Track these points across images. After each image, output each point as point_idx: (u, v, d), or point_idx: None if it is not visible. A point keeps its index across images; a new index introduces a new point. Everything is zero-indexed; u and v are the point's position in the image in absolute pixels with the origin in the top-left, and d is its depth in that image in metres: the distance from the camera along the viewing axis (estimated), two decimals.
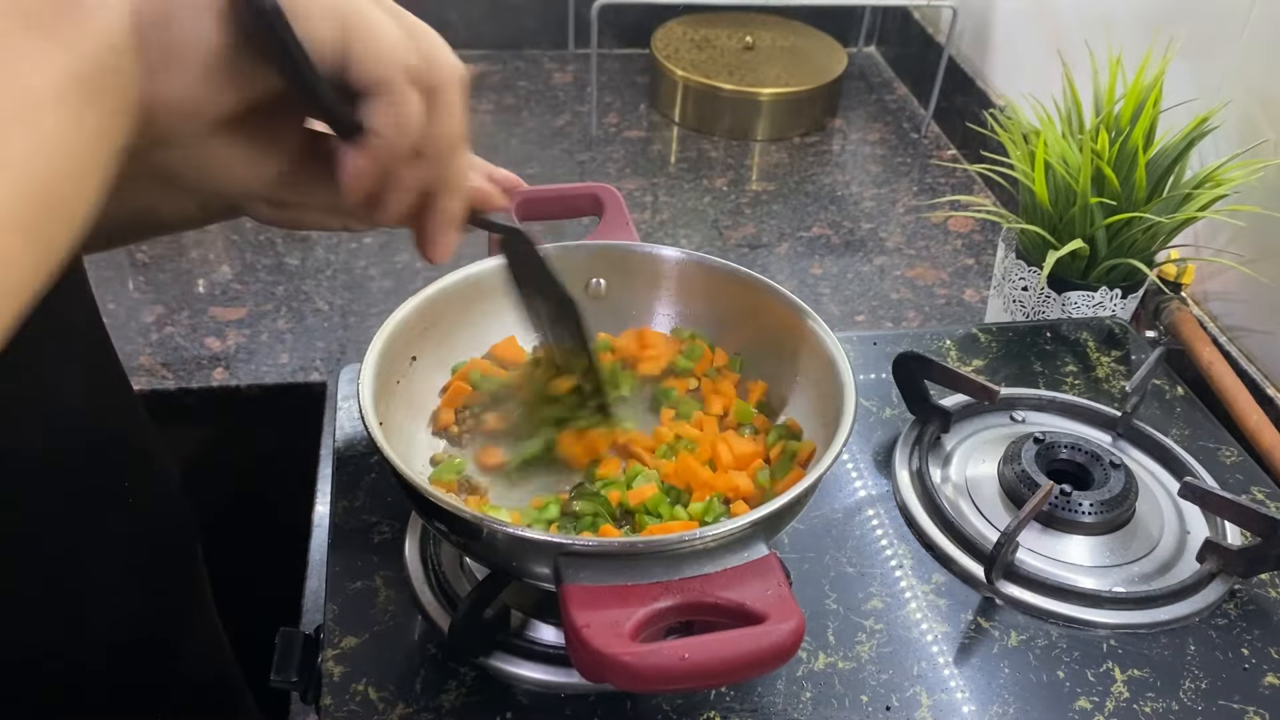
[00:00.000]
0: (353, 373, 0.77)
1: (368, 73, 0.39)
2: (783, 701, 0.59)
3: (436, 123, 0.42)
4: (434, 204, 0.46)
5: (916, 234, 1.26)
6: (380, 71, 0.39)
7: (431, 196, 0.45)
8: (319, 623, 0.63)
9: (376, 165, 0.41)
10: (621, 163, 1.36)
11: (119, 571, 0.64)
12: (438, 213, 0.46)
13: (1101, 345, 0.89)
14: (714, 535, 0.50)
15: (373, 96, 0.40)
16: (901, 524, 0.71)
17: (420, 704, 0.58)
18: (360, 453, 0.73)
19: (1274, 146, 0.90)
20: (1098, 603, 0.66)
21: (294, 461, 0.94)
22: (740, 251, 1.21)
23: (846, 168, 1.39)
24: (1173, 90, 0.90)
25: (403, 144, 0.41)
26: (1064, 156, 0.90)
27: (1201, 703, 0.61)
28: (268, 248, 1.15)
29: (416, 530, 0.67)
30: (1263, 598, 0.68)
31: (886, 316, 1.12)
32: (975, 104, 1.36)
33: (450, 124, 0.43)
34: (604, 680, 0.45)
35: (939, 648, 0.63)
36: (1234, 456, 0.78)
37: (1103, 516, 0.70)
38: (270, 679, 0.63)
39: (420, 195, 0.45)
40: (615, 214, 0.73)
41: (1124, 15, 1.08)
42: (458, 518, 0.51)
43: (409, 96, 0.40)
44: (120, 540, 0.64)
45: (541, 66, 1.57)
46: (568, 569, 0.48)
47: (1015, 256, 0.95)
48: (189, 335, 1.02)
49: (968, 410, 0.80)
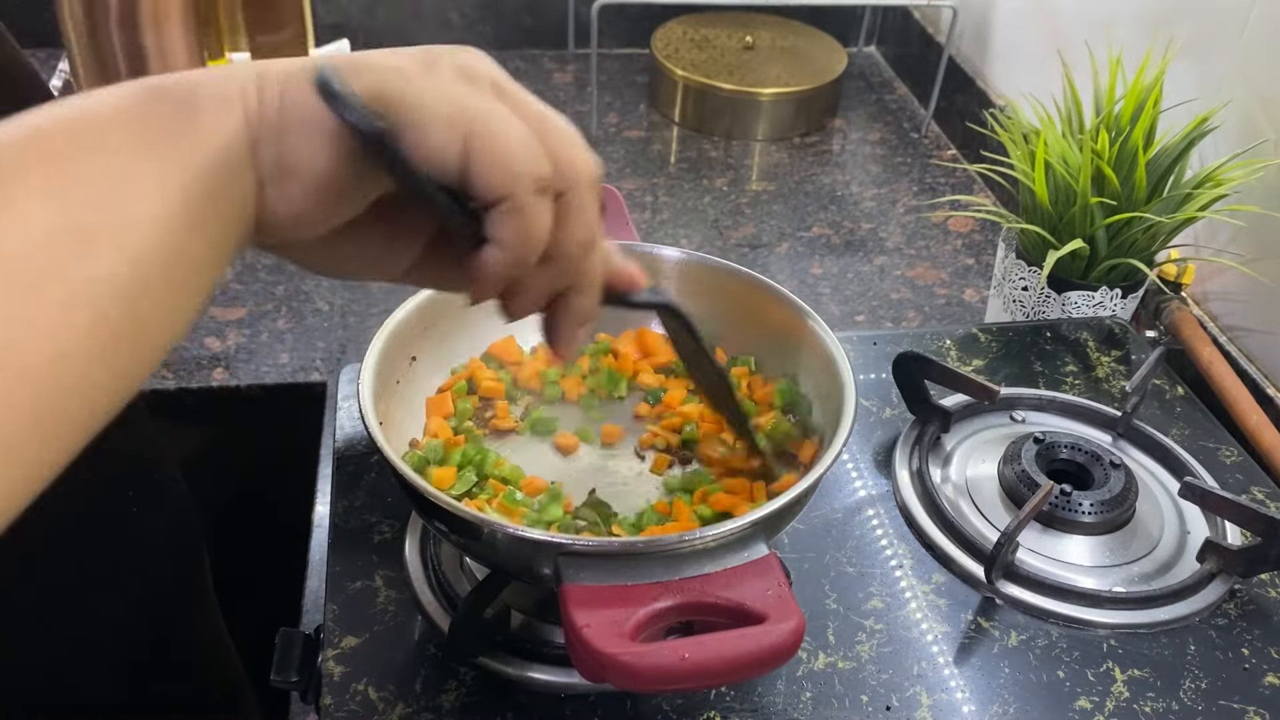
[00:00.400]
0: (353, 373, 0.77)
1: (491, 187, 0.37)
2: (783, 701, 0.59)
3: (567, 228, 0.40)
4: (565, 303, 0.44)
5: (916, 234, 1.26)
6: (503, 184, 0.37)
7: (562, 295, 0.44)
8: (319, 623, 0.63)
9: (504, 273, 0.40)
10: (621, 163, 1.36)
11: (122, 572, 0.64)
12: (569, 312, 0.44)
13: (1101, 345, 0.89)
14: (714, 535, 0.50)
15: (497, 210, 0.38)
16: (901, 524, 0.71)
17: (420, 704, 0.58)
18: (360, 453, 0.73)
19: (1274, 146, 0.90)
20: (1098, 603, 0.66)
21: (294, 461, 0.94)
22: (740, 251, 1.21)
23: (846, 168, 1.39)
24: (1173, 90, 0.90)
25: (530, 254, 0.40)
26: (1064, 156, 0.90)
27: (1201, 703, 0.61)
28: None
29: (416, 530, 0.67)
30: (1263, 598, 0.68)
31: (886, 316, 1.12)
32: (975, 104, 1.36)
33: (582, 227, 0.41)
34: (604, 680, 0.45)
35: (939, 648, 0.63)
36: (1234, 456, 0.78)
37: (1103, 516, 0.70)
38: (270, 679, 0.63)
39: (551, 295, 0.43)
40: (615, 214, 0.73)
41: (1124, 15, 1.08)
42: (458, 518, 0.51)
43: (535, 208, 0.39)
44: (123, 540, 0.64)
45: (541, 66, 1.57)
46: (568, 569, 0.48)
47: (1015, 256, 0.95)
48: (189, 335, 1.02)
49: (968, 410, 0.80)
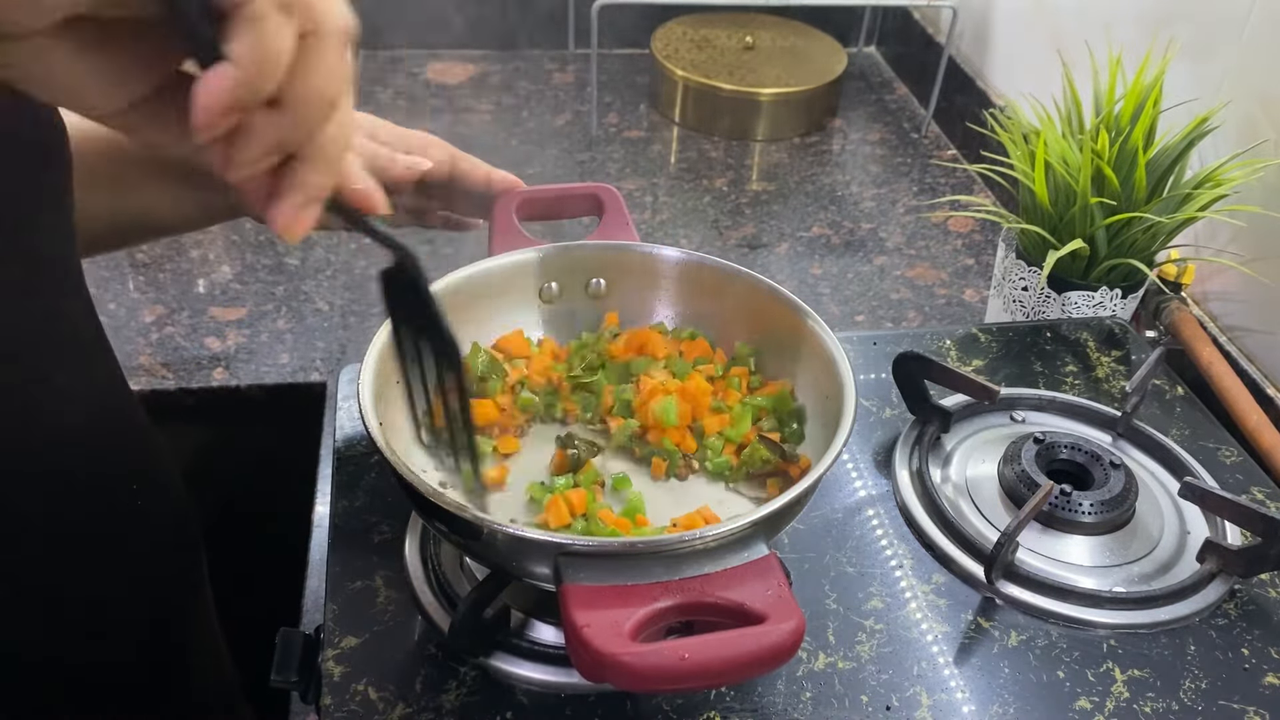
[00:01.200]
0: (353, 373, 0.77)
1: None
2: (783, 701, 0.59)
3: (305, 72, 0.37)
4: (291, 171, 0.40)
5: (916, 234, 1.26)
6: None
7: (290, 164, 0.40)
8: (319, 623, 0.63)
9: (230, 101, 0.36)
10: (621, 163, 1.36)
11: (121, 572, 0.64)
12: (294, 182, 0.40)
13: (1101, 345, 0.89)
14: (714, 535, 0.50)
15: (235, 19, 0.35)
16: (901, 524, 0.71)
17: (420, 704, 0.58)
18: (360, 453, 0.73)
19: (1274, 146, 0.90)
20: (1098, 603, 0.66)
21: (294, 461, 0.94)
22: (740, 251, 1.21)
23: (846, 168, 1.39)
24: (1173, 90, 0.90)
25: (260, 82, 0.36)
26: (1064, 156, 0.90)
27: (1201, 703, 0.61)
28: (268, 248, 1.15)
29: (416, 530, 0.67)
30: (1263, 598, 0.68)
31: (886, 316, 1.12)
32: (975, 104, 1.36)
33: (322, 78, 0.37)
34: (604, 680, 0.45)
35: (939, 648, 0.63)
36: (1234, 456, 0.78)
37: (1103, 516, 0.70)
38: (270, 679, 0.63)
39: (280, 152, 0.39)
40: (615, 214, 0.73)
41: (1124, 15, 1.08)
42: (458, 518, 0.51)
43: (275, 23, 0.35)
44: (122, 540, 0.64)
45: (541, 66, 1.57)
46: (568, 569, 0.48)
47: (1015, 256, 0.95)
48: (189, 335, 1.02)
49: (968, 410, 0.80)
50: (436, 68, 1.53)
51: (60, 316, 0.58)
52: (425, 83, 1.50)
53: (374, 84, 1.48)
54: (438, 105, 1.45)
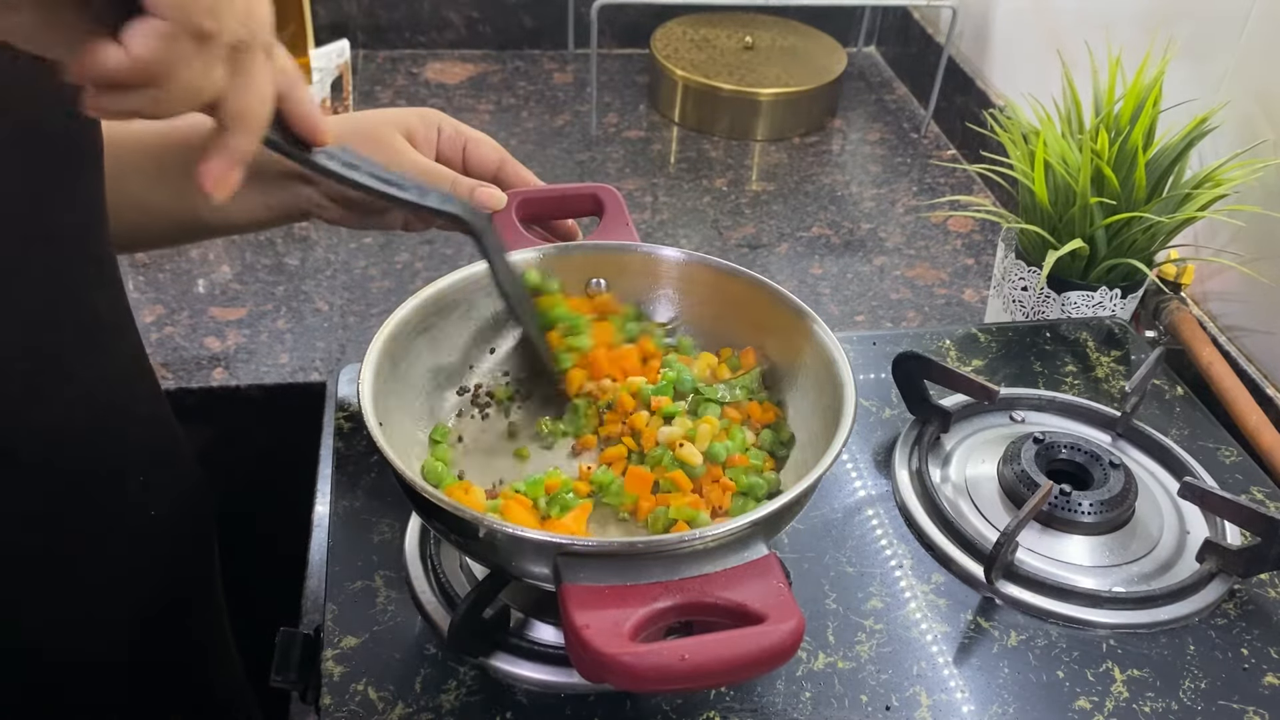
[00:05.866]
0: (353, 373, 0.77)
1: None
2: (783, 701, 0.59)
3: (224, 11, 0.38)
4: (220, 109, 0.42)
5: (916, 234, 1.26)
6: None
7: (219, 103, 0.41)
8: (319, 623, 0.63)
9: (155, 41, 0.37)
10: (621, 163, 1.36)
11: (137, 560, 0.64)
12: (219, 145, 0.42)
13: (1101, 345, 0.89)
14: (714, 535, 0.50)
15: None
16: (901, 524, 0.71)
17: (420, 704, 0.58)
18: (360, 452, 0.73)
19: (1274, 146, 0.90)
20: (1097, 603, 0.66)
21: (294, 461, 0.93)
22: (740, 251, 1.21)
23: (846, 168, 1.39)
24: (1172, 90, 0.90)
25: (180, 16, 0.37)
26: (1064, 156, 0.90)
27: (1201, 703, 0.61)
28: (268, 248, 1.15)
29: (416, 530, 0.67)
30: (1262, 598, 0.68)
31: (886, 316, 1.12)
32: (975, 104, 1.36)
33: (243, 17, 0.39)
34: (604, 680, 0.45)
35: (939, 648, 0.63)
36: (1234, 456, 0.78)
37: (1102, 516, 0.70)
38: (270, 679, 0.63)
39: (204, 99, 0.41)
40: (615, 214, 0.73)
41: (1124, 15, 1.08)
42: (457, 517, 0.51)
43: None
44: (140, 528, 0.64)
45: (541, 66, 1.57)
46: (567, 569, 0.48)
47: (1015, 256, 0.95)
48: (189, 335, 1.02)
49: (967, 410, 0.80)
50: (436, 68, 1.53)
51: (87, 304, 0.57)
52: (425, 83, 1.50)
53: (374, 84, 1.48)
54: (437, 105, 1.45)
